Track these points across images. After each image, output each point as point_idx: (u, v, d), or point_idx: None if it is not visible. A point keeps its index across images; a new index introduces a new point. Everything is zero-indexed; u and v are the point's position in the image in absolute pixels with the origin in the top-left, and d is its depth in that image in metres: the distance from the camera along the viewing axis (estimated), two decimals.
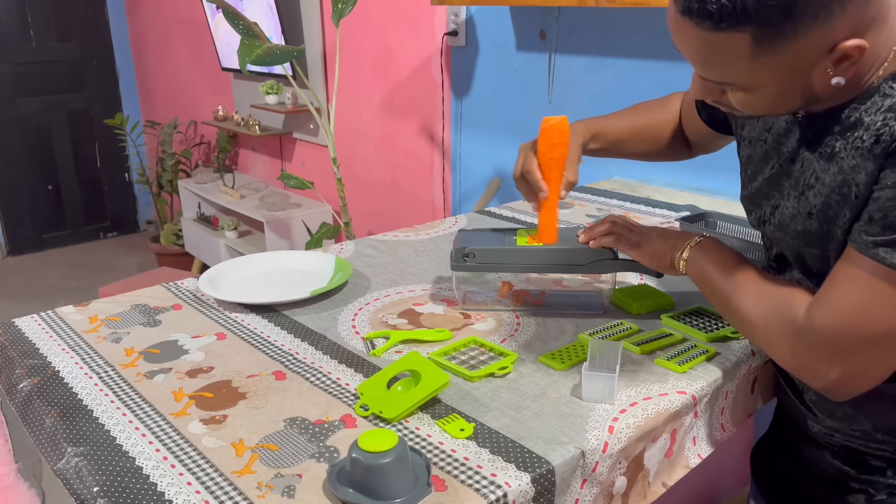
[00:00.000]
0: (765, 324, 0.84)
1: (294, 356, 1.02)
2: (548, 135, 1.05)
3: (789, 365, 0.83)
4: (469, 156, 2.59)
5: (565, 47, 2.14)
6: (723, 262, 0.92)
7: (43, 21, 4.29)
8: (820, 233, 0.82)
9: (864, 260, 0.74)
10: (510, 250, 1.11)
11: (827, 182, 0.80)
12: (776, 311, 0.83)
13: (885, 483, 0.91)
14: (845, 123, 0.79)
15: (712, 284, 0.92)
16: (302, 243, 3.27)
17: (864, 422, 0.89)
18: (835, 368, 0.77)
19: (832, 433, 0.93)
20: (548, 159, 1.07)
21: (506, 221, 1.64)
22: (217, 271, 1.29)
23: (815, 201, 0.82)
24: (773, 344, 0.84)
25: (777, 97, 0.77)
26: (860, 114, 0.77)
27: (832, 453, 0.95)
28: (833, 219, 0.80)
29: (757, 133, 0.94)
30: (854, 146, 0.77)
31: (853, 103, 0.79)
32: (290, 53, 2.18)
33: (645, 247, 1.02)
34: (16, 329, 1.11)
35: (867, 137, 0.75)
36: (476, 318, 1.13)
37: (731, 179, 1.29)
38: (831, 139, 0.80)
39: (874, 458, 0.91)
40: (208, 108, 4.06)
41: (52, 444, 0.84)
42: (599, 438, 0.82)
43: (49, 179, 4.50)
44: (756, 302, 0.86)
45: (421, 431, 0.83)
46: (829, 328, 0.76)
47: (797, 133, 0.87)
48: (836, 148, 0.79)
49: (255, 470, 0.77)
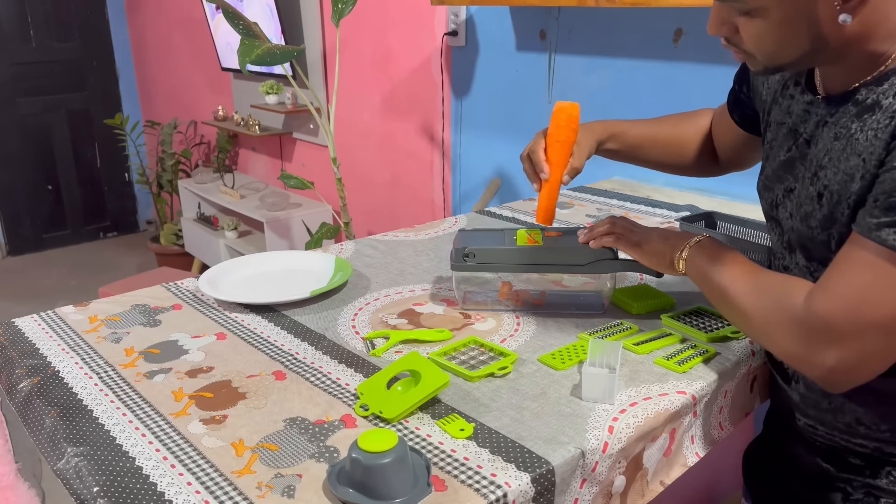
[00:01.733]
0: (762, 314, 0.84)
1: (294, 356, 1.02)
2: (557, 117, 1.07)
3: (786, 353, 0.83)
4: (469, 156, 2.59)
5: (565, 47, 2.14)
6: (720, 258, 0.92)
7: (43, 21, 4.29)
8: (827, 216, 0.82)
9: (867, 243, 0.74)
10: (510, 250, 1.11)
11: (840, 164, 0.80)
12: (773, 300, 0.83)
13: (863, 482, 0.91)
14: (862, 105, 0.79)
15: (710, 281, 0.92)
16: (302, 243, 3.27)
17: (847, 414, 0.89)
18: (832, 354, 0.76)
19: (816, 426, 0.94)
20: (554, 141, 1.08)
21: (506, 221, 1.64)
22: (217, 271, 1.29)
23: (826, 181, 0.82)
24: (769, 334, 0.84)
25: (783, 28, 0.76)
26: (878, 96, 0.77)
27: (814, 449, 0.96)
28: (839, 202, 0.80)
29: (780, 116, 0.95)
30: (871, 128, 0.77)
31: (871, 85, 0.79)
32: (290, 53, 2.18)
33: (645, 247, 1.03)
34: (16, 329, 1.11)
35: (884, 120, 0.75)
36: (476, 318, 1.13)
37: (731, 179, 1.29)
38: (847, 120, 0.80)
39: (854, 456, 0.91)
40: (208, 108, 4.06)
41: (52, 444, 0.84)
42: (599, 438, 0.82)
43: (49, 179, 4.50)
44: (752, 293, 0.86)
45: (421, 431, 0.83)
46: (828, 312, 0.76)
47: (815, 115, 0.87)
48: (853, 130, 0.79)
49: (255, 470, 0.77)
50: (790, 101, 0.93)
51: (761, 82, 1.01)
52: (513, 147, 2.41)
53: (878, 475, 0.89)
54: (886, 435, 0.87)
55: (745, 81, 1.07)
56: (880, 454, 0.89)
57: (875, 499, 0.90)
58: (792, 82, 0.94)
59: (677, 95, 1.89)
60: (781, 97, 0.95)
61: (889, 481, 0.89)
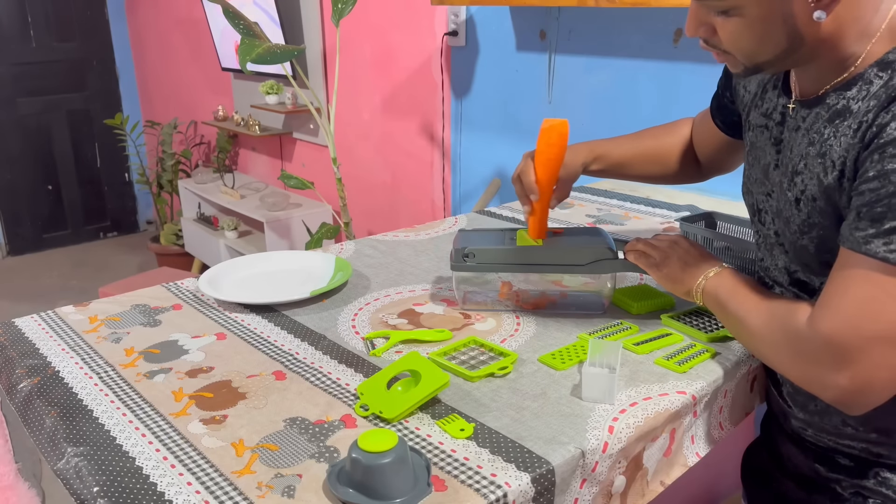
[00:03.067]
0: (770, 339, 0.84)
1: (294, 356, 1.02)
2: (547, 135, 1.07)
3: (798, 377, 0.82)
4: (469, 156, 2.59)
5: (565, 47, 2.14)
6: (736, 290, 0.93)
7: (43, 21, 4.29)
8: (805, 221, 0.84)
9: (858, 257, 0.74)
10: (510, 250, 1.11)
11: (815, 169, 0.81)
12: (780, 326, 0.83)
13: (851, 482, 0.91)
14: (834, 110, 0.80)
15: (727, 312, 0.93)
16: (302, 243, 3.27)
17: (834, 416, 0.89)
18: (842, 375, 0.75)
19: (806, 427, 0.94)
20: (544, 159, 1.08)
21: (506, 221, 1.64)
22: (217, 271, 1.29)
23: (802, 187, 0.83)
24: (779, 358, 0.84)
25: (760, 26, 0.77)
26: (847, 101, 0.79)
27: (805, 451, 0.96)
28: (815, 208, 0.81)
29: (759, 119, 0.96)
30: (843, 134, 0.78)
31: (840, 90, 0.80)
32: (290, 53, 2.18)
33: (664, 270, 1.03)
34: (16, 329, 1.11)
35: (854, 125, 0.76)
36: (476, 318, 1.13)
37: (731, 179, 1.29)
38: (820, 125, 0.81)
39: (842, 457, 0.92)
40: (208, 108, 4.06)
41: (52, 444, 0.84)
42: (599, 438, 0.82)
43: (49, 179, 4.50)
44: (762, 319, 0.86)
45: (421, 431, 0.83)
46: (830, 330, 0.75)
47: (790, 119, 0.88)
48: (825, 135, 0.80)
49: (255, 470, 0.77)
50: (768, 104, 0.94)
51: (742, 85, 1.03)
52: (513, 147, 2.40)
53: (866, 476, 0.90)
54: (873, 436, 0.88)
55: (728, 86, 1.09)
56: (868, 455, 0.89)
57: (863, 499, 0.90)
58: (770, 85, 0.95)
59: (677, 95, 1.89)
60: (760, 100, 0.97)
61: (876, 482, 0.89)
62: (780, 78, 0.93)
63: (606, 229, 1.37)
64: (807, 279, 0.90)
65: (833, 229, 0.81)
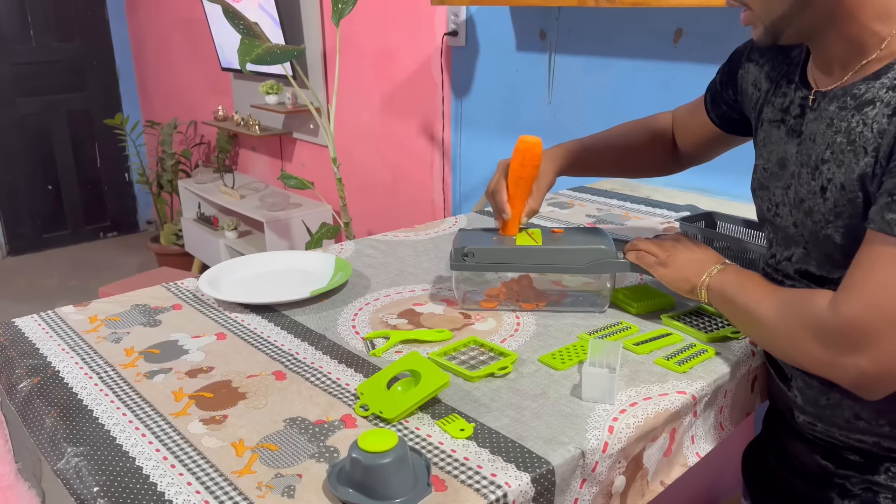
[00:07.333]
0: (784, 326, 0.84)
1: (294, 356, 1.02)
2: (521, 154, 1.10)
3: (816, 364, 0.82)
4: (469, 156, 2.59)
5: (565, 47, 2.14)
6: (743, 283, 0.93)
7: (43, 21, 4.29)
8: (831, 210, 0.83)
9: (887, 239, 0.74)
10: (510, 250, 1.11)
11: (843, 157, 0.81)
12: (796, 311, 0.83)
13: (861, 478, 0.91)
14: (861, 100, 0.81)
15: (735, 306, 0.93)
16: (302, 243, 3.27)
17: (845, 410, 0.89)
18: (864, 357, 0.75)
19: (815, 423, 0.94)
20: (517, 178, 1.11)
21: None
22: (217, 271, 1.29)
23: (829, 175, 0.83)
24: (794, 345, 0.84)
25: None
26: (876, 90, 0.79)
27: (813, 447, 0.96)
28: (843, 195, 0.81)
29: (774, 115, 0.96)
30: (875, 121, 0.78)
31: (868, 80, 0.81)
32: (290, 53, 2.18)
33: (666, 269, 1.04)
34: (16, 329, 1.11)
35: (887, 111, 0.77)
36: (476, 318, 1.13)
37: (730, 179, 1.30)
38: (847, 114, 0.82)
39: (852, 452, 0.92)
40: (208, 108, 4.06)
41: (52, 444, 0.84)
42: (599, 438, 0.82)
43: (49, 179, 4.50)
44: (774, 308, 0.86)
45: (421, 431, 0.83)
46: (854, 313, 0.75)
47: (811, 111, 0.89)
48: (853, 123, 0.81)
49: (255, 470, 0.77)
50: (783, 99, 0.95)
51: (750, 83, 1.03)
52: (512, 147, 2.40)
53: (877, 471, 0.90)
54: (885, 429, 0.87)
55: (731, 85, 1.09)
56: (879, 449, 0.89)
57: (874, 494, 0.90)
58: (784, 80, 0.96)
59: (677, 95, 1.89)
60: (774, 96, 0.97)
61: (888, 477, 0.89)
62: (795, 72, 0.94)
63: (606, 229, 1.37)
64: (822, 274, 0.89)
65: (862, 218, 0.80)
